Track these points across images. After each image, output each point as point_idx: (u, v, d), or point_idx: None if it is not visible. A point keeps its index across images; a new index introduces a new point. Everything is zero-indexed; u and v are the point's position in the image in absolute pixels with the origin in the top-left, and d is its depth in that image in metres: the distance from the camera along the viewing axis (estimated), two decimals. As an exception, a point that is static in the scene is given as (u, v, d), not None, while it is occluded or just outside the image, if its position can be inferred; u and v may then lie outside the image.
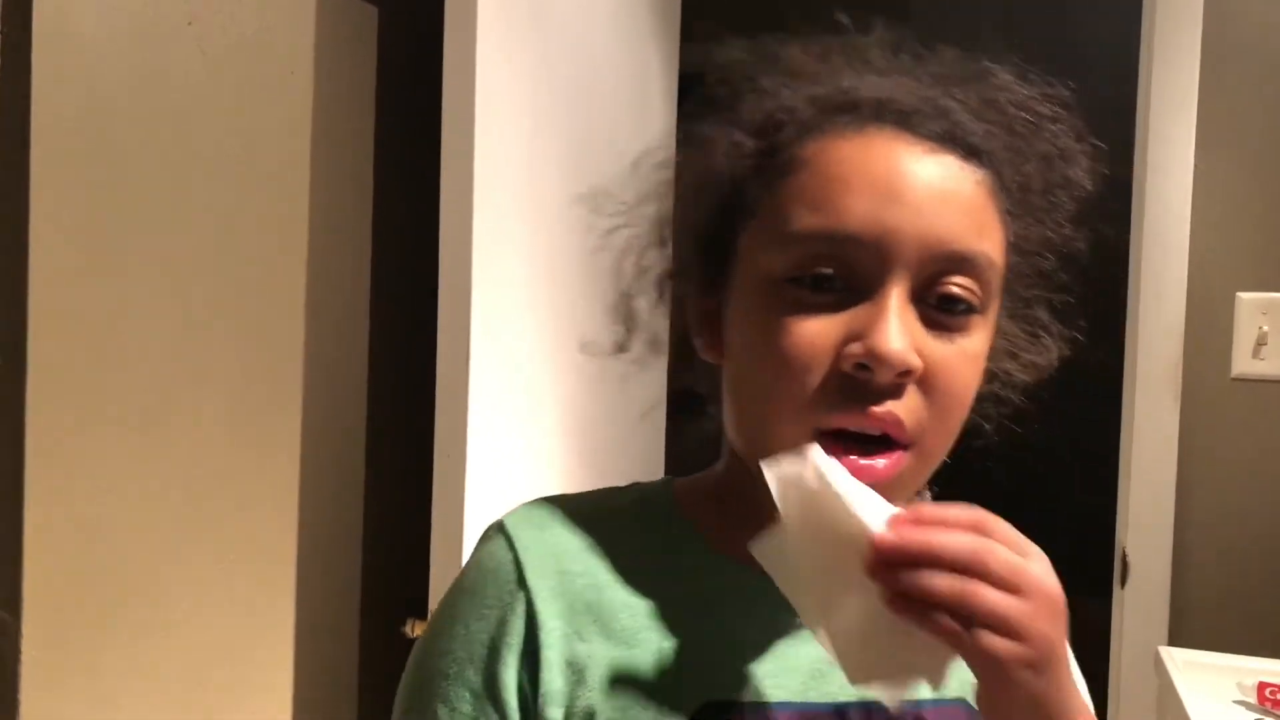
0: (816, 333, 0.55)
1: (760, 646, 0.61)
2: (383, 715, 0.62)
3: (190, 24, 1.14)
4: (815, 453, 0.52)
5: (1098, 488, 2.11)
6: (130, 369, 1.10)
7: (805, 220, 0.56)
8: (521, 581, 0.60)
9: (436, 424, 1.19)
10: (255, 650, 1.27)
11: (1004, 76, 0.62)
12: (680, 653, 0.60)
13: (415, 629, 1.21)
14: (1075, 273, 0.65)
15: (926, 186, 0.56)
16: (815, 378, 0.55)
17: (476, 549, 0.64)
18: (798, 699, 0.60)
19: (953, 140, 0.57)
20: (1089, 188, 0.63)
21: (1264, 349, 1.73)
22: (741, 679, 0.60)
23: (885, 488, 0.54)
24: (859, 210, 0.55)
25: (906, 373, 0.55)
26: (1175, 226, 1.76)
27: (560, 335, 1.46)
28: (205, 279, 1.18)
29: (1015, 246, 0.60)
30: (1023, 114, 0.61)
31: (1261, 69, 1.74)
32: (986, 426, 0.64)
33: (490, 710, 0.59)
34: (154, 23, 1.09)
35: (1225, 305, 1.75)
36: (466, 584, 0.62)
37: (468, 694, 0.59)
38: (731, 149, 0.61)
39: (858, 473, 0.54)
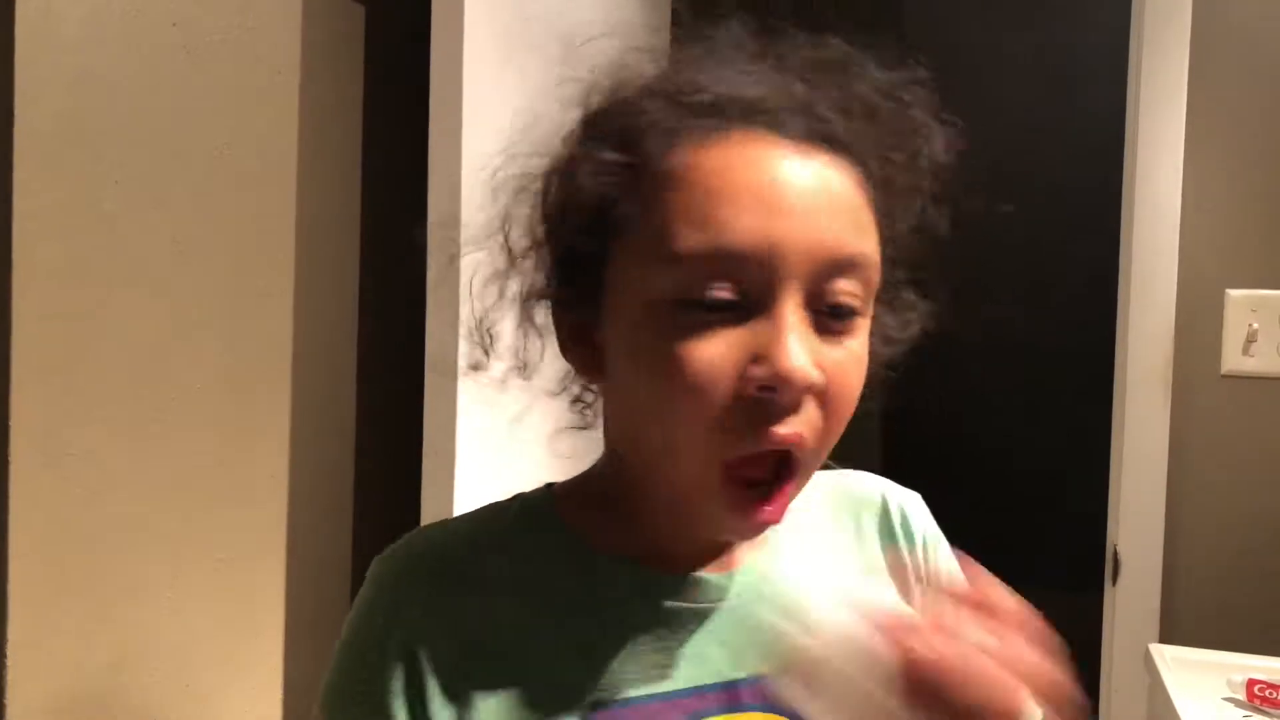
0: (715, 356, 0.54)
1: (651, 638, 0.61)
2: None
3: (175, 25, 1.13)
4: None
5: (1089, 485, 2.12)
6: (116, 369, 1.10)
7: (690, 239, 0.54)
8: (390, 630, 0.59)
9: (425, 420, 1.19)
10: (245, 645, 1.26)
11: (862, 62, 0.60)
12: (569, 658, 0.59)
13: (405, 629, 1.21)
14: (934, 249, 0.63)
15: (807, 191, 0.55)
16: (717, 404, 0.54)
17: (360, 595, 0.63)
18: (690, 685, 0.60)
19: (822, 138, 0.56)
20: (948, 163, 0.62)
21: (1254, 346, 1.73)
22: (635, 674, 0.60)
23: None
24: (744, 224, 0.53)
25: (808, 389, 0.54)
26: (1165, 224, 1.77)
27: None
28: (192, 279, 1.18)
29: (887, 239, 0.59)
30: (882, 100, 0.60)
31: (1250, 67, 1.75)
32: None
33: None
34: (138, 23, 1.09)
35: (1215, 302, 1.76)
36: (349, 637, 0.62)
37: None
38: (595, 165, 0.58)
39: (759, 521, 0.55)
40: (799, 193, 0.54)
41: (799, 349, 0.53)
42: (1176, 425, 1.77)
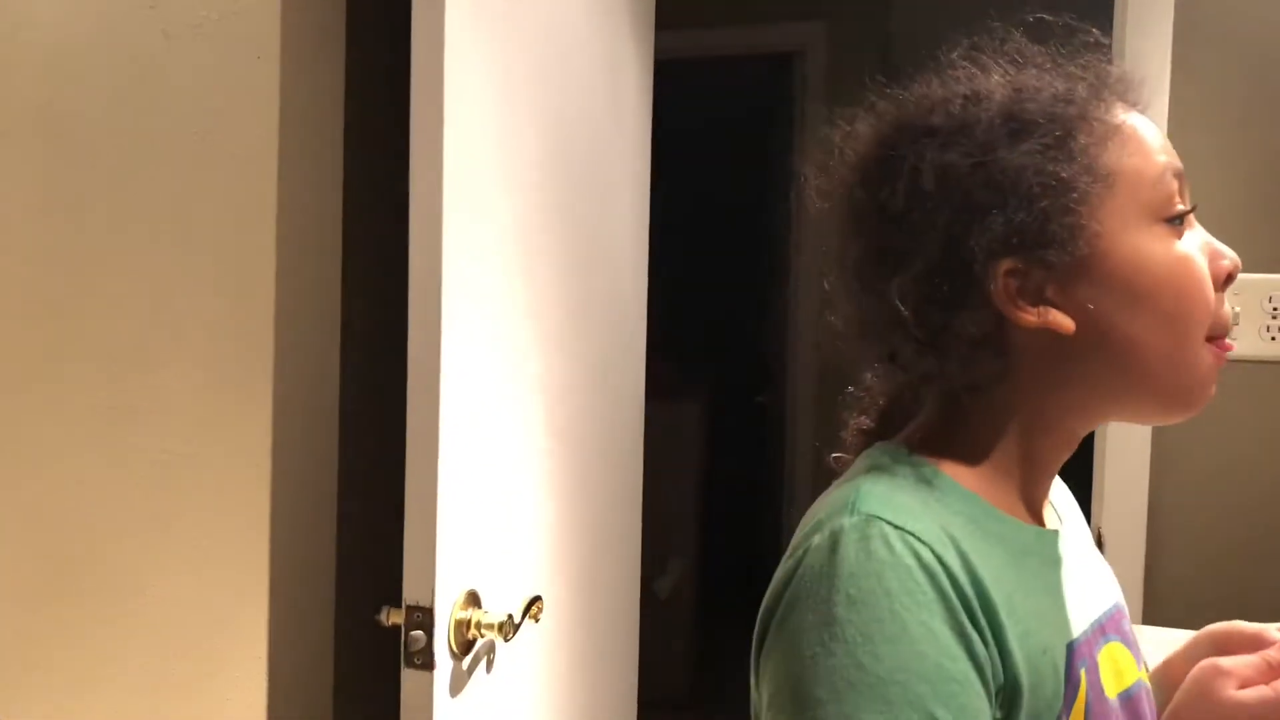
0: (1199, 256, 0.71)
1: (1054, 583, 0.73)
2: (358, 703, 0.62)
3: (153, 7, 1.12)
4: None
5: (1073, 469, 2.12)
6: (94, 359, 1.08)
7: (1160, 162, 0.71)
8: (942, 563, 0.64)
9: (409, 410, 1.18)
10: (228, 638, 1.25)
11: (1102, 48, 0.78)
12: (1037, 598, 0.69)
13: (390, 617, 1.21)
14: None
15: None
16: (1213, 294, 0.71)
17: (872, 551, 0.64)
18: (1087, 623, 0.73)
19: (1128, 99, 0.75)
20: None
21: (1237, 330, 1.74)
22: (1061, 614, 0.71)
23: None
24: (1171, 153, 0.72)
25: None
26: (1148, 209, 1.77)
27: (538, 317, 1.45)
28: (170, 267, 1.16)
29: None
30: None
31: (1232, 56, 1.75)
32: None
33: (983, 697, 0.63)
34: (116, 5, 1.07)
35: (1198, 287, 1.76)
36: (893, 586, 0.63)
37: (956, 687, 0.62)
38: (1029, 152, 0.70)
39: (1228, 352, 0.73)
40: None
41: None
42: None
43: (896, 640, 0.61)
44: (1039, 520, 0.77)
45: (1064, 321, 0.70)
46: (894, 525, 0.64)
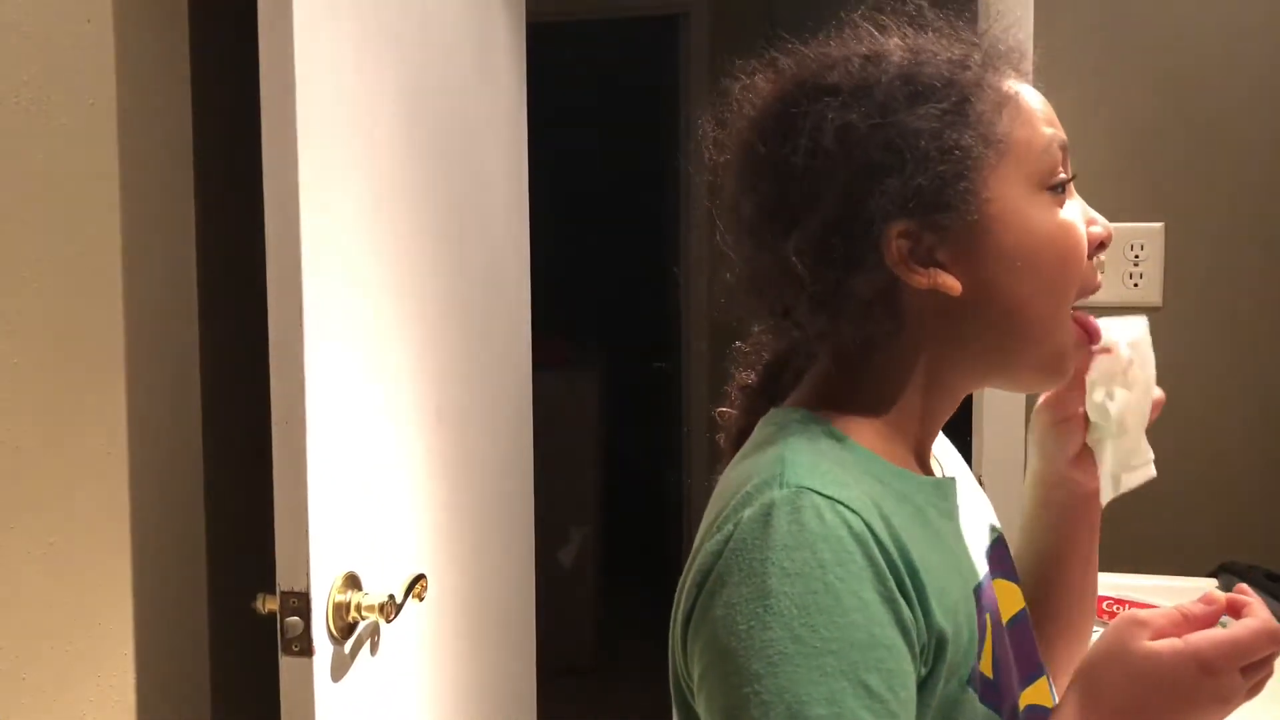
0: (1077, 223, 0.73)
1: (952, 532, 0.75)
2: (239, 695, 0.59)
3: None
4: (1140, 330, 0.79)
5: (953, 418, 2.18)
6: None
7: (1047, 133, 0.73)
8: (871, 530, 0.65)
9: (272, 393, 1.14)
10: (92, 638, 1.20)
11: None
12: (940, 550, 0.71)
13: (266, 604, 1.17)
14: None
15: None
16: (1085, 260, 0.73)
17: (805, 524, 0.65)
18: (979, 567, 0.76)
19: (1017, 70, 0.77)
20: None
21: (1100, 277, 1.80)
22: (965, 561, 0.74)
23: None
24: (1057, 125, 0.75)
25: None
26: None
27: (408, 294, 1.41)
28: (3, 240, 1.09)
29: None
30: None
31: (1092, 6, 1.80)
32: None
33: (910, 659, 0.64)
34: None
35: (1065, 238, 1.82)
36: (828, 557, 0.63)
37: (885, 653, 0.63)
38: (921, 118, 0.71)
39: (1096, 338, 0.77)
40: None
41: None
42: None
43: (831, 611, 0.62)
44: (928, 471, 0.79)
45: (952, 284, 0.71)
46: (824, 495, 0.65)
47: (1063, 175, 0.73)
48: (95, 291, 1.19)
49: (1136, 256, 1.79)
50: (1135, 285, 1.79)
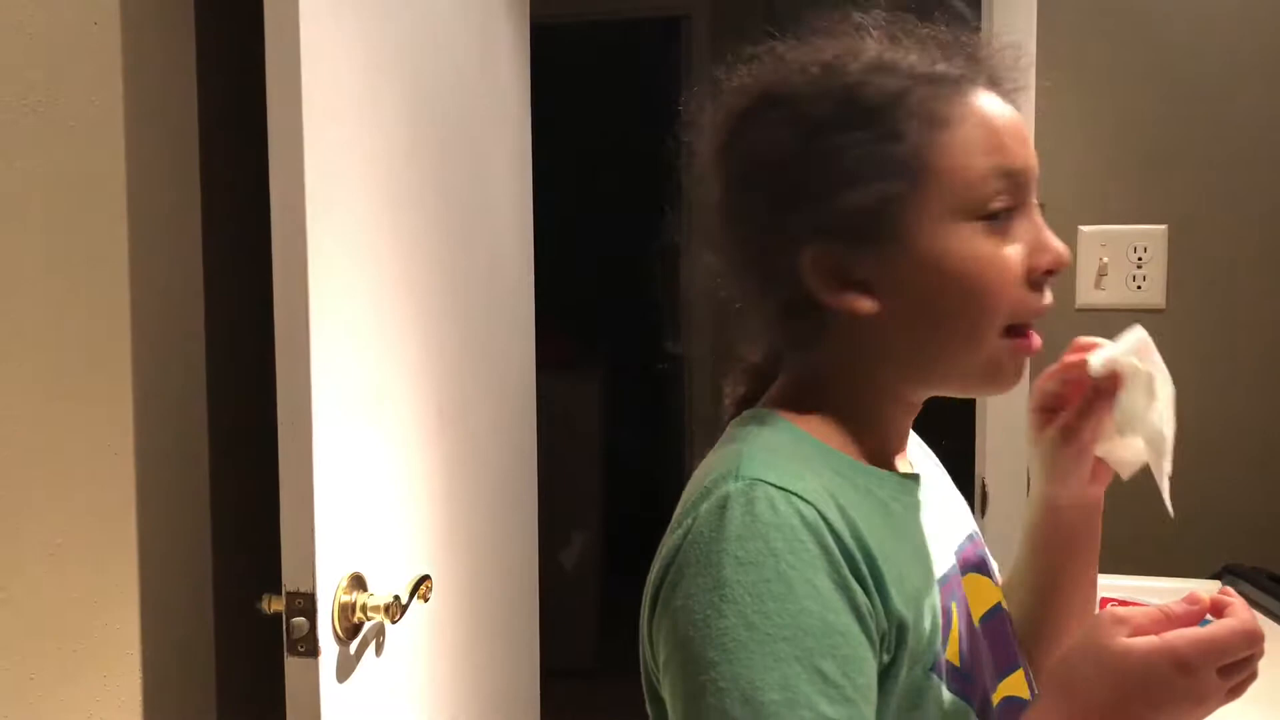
0: (1012, 252, 0.72)
1: (917, 525, 0.76)
2: (244, 695, 0.59)
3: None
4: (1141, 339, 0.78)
5: (959, 423, 2.18)
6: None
7: (984, 162, 0.71)
8: (825, 519, 0.66)
9: (279, 393, 1.14)
10: (98, 637, 1.20)
11: (967, 29, 0.79)
12: (903, 542, 0.73)
13: (271, 605, 1.17)
14: None
15: (1022, 124, 0.74)
16: (1016, 287, 0.72)
17: (758, 514, 0.66)
18: (949, 562, 0.77)
19: (998, 83, 0.75)
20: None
21: (1105, 280, 1.80)
22: (932, 554, 0.75)
23: None
24: (1014, 149, 0.72)
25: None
26: (1020, 165, 1.81)
27: (413, 294, 1.41)
28: (7, 249, 1.10)
29: None
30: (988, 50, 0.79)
31: (1095, 10, 1.80)
32: None
33: (867, 646, 0.65)
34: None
35: (1068, 239, 1.81)
36: (780, 546, 0.65)
37: (839, 639, 0.64)
38: (863, 139, 0.71)
39: (1033, 349, 0.75)
40: (1021, 123, 0.74)
41: (1054, 237, 0.74)
42: (1036, 358, 1.83)
43: (784, 598, 0.63)
44: (895, 468, 0.80)
45: (862, 305, 0.73)
46: (777, 487, 0.66)
47: (998, 205, 0.72)
48: (101, 291, 1.19)
49: (1140, 259, 1.79)
50: (1139, 288, 1.79)
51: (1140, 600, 1.36)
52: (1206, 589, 0.69)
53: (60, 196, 1.14)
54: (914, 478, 0.79)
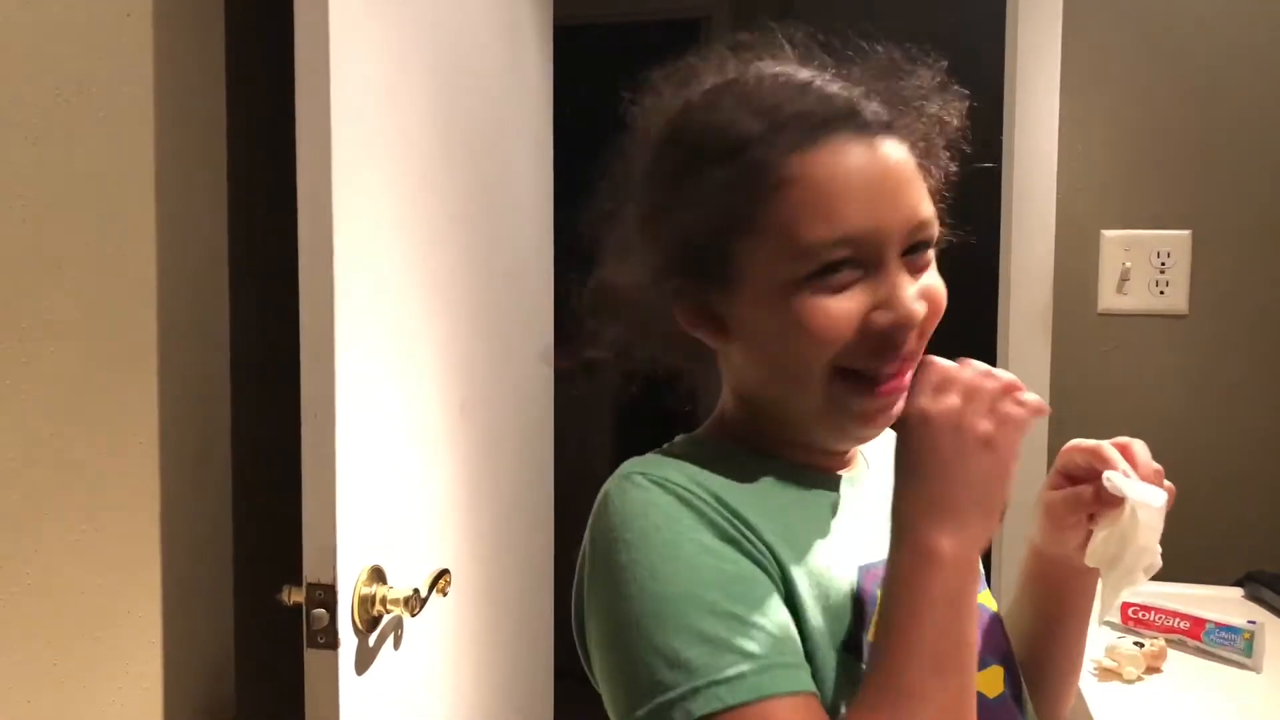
0: (843, 311, 0.69)
1: (841, 518, 0.78)
2: (264, 685, 0.59)
3: (11, -38, 1.05)
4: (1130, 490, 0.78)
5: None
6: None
7: (816, 231, 0.68)
8: (693, 493, 0.70)
9: (303, 385, 1.15)
10: (120, 626, 1.21)
11: (901, 61, 0.77)
12: (811, 525, 0.75)
13: (291, 596, 1.17)
14: (955, 191, 0.81)
15: (890, 174, 0.70)
16: (843, 344, 0.70)
17: (631, 498, 0.71)
18: (874, 557, 0.76)
19: (887, 128, 0.71)
20: (962, 128, 0.79)
21: (1127, 284, 1.79)
22: (856, 545, 0.76)
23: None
24: (857, 212, 0.68)
25: (917, 325, 0.71)
26: (1043, 169, 1.81)
27: (436, 288, 1.42)
28: (40, 239, 1.10)
29: (933, 193, 0.75)
30: (916, 86, 0.76)
31: (1120, 13, 1.79)
32: None
33: (772, 586, 0.68)
34: (-32, -41, 1.01)
35: (1091, 243, 1.81)
36: (659, 520, 0.69)
37: (743, 585, 0.67)
38: (710, 183, 0.72)
39: (881, 394, 0.72)
40: (886, 177, 0.70)
41: (911, 297, 0.70)
42: (1057, 362, 1.82)
43: (675, 561, 0.67)
44: (838, 468, 0.83)
45: (714, 339, 0.77)
46: (645, 474, 0.72)
47: (835, 261, 0.69)
48: (129, 285, 1.20)
49: (1163, 264, 1.78)
50: (1161, 293, 1.78)
51: (1164, 607, 1.35)
52: (1230, 595, 0.70)
53: (91, 189, 1.15)
54: (837, 477, 0.81)
